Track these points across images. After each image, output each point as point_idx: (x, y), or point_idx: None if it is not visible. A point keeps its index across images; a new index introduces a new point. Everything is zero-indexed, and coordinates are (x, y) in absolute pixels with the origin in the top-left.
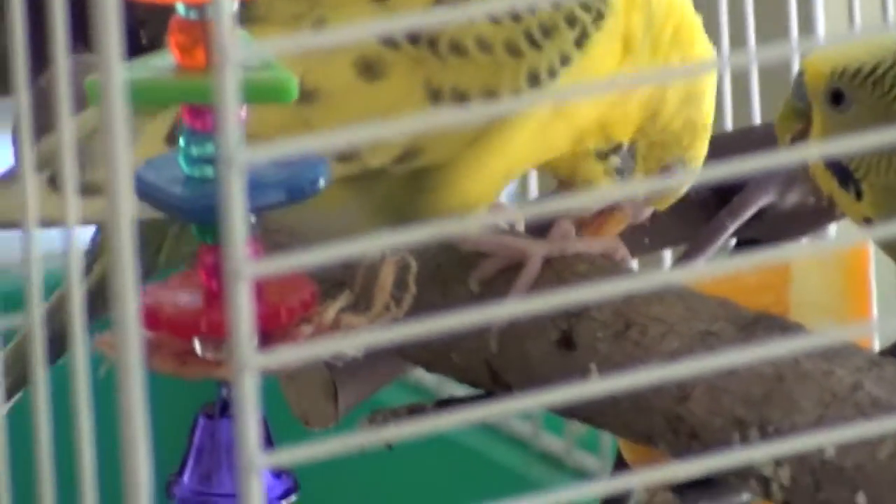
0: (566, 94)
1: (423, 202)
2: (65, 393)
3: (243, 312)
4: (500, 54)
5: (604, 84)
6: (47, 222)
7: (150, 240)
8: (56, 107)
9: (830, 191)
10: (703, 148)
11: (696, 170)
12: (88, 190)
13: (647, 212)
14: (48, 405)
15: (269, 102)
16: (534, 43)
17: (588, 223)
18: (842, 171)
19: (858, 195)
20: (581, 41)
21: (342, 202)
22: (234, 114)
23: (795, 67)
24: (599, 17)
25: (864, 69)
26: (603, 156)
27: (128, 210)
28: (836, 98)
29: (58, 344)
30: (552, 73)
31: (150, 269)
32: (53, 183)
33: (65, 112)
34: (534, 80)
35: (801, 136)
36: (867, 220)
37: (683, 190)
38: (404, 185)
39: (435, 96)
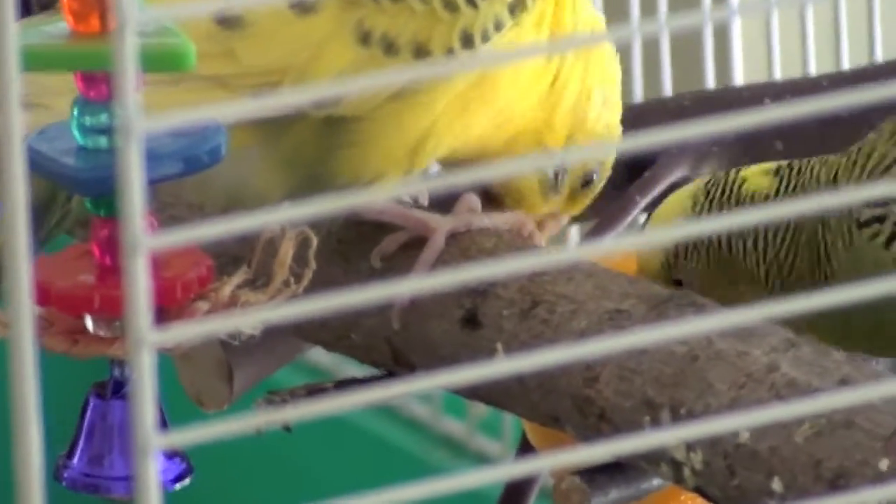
0: (493, 58)
1: (334, 158)
2: None
3: (140, 287)
4: (437, 6)
5: (526, 49)
6: None
7: (42, 212)
8: None
9: None
10: (610, 160)
11: (607, 172)
12: None
13: (562, 223)
14: None
15: (166, 71)
16: (471, 1)
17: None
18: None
19: (678, 284)
20: (515, 9)
21: (248, 150)
22: (132, 81)
23: (708, 36)
24: None
25: (693, 251)
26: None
27: (20, 181)
28: (679, 284)
29: None
30: (485, 37)
31: (41, 242)
32: None
33: None
34: (466, 40)
35: None
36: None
37: (597, 190)
38: (317, 136)
39: (364, 39)
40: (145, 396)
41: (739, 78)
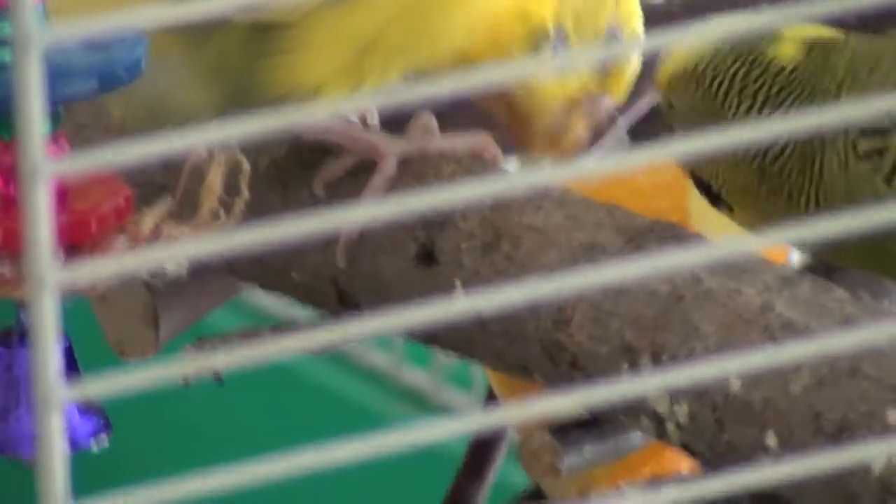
0: None
1: (265, 68)
2: None
3: (41, 219)
4: None
5: None
6: None
7: None
8: None
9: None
10: (632, 5)
11: (636, 35)
12: None
13: (606, 105)
14: None
15: None
16: None
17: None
18: (706, 190)
19: (730, 209)
20: None
21: (169, 59)
22: None
23: None
24: None
25: (684, 71)
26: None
27: None
28: (669, 107)
29: None
30: None
31: None
32: None
33: None
34: None
35: None
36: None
37: (634, 63)
38: (244, 44)
39: None
40: (47, 343)
41: None
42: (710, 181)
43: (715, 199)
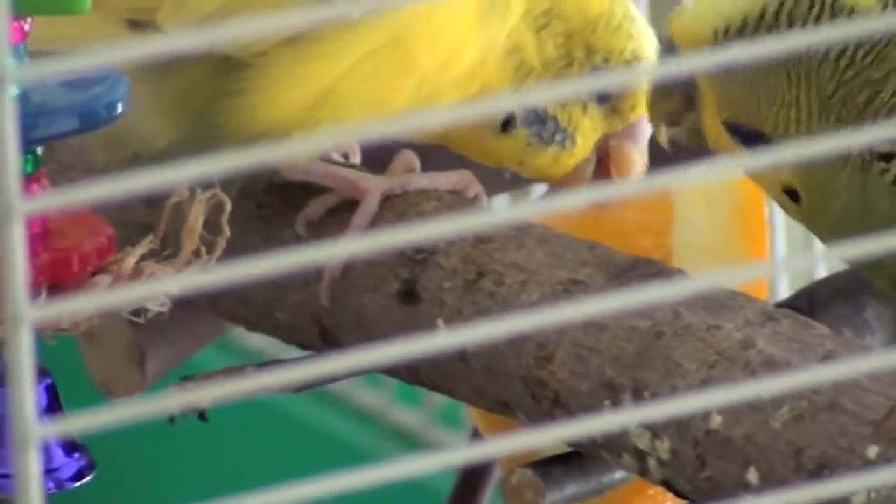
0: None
1: (228, 105)
2: None
3: (17, 256)
4: None
5: None
6: None
7: None
8: None
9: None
10: (615, 39)
11: (628, 61)
12: None
13: (644, 126)
14: None
15: (54, 13)
16: None
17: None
18: (750, 135)
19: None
20: None
21: (134, 89)
22: (2, 22)
23: None
24: None
25: (745, 23)
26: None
27: None
28: None
29: None
30: None
31: None
32: None
33: None
34: None
35: (680, 114)
36: (789, 191)
37: (641, 87)
38: (208, 79)
39: None
40: (24, 380)
41: None
42: (761, 127)
43: (755, 141)
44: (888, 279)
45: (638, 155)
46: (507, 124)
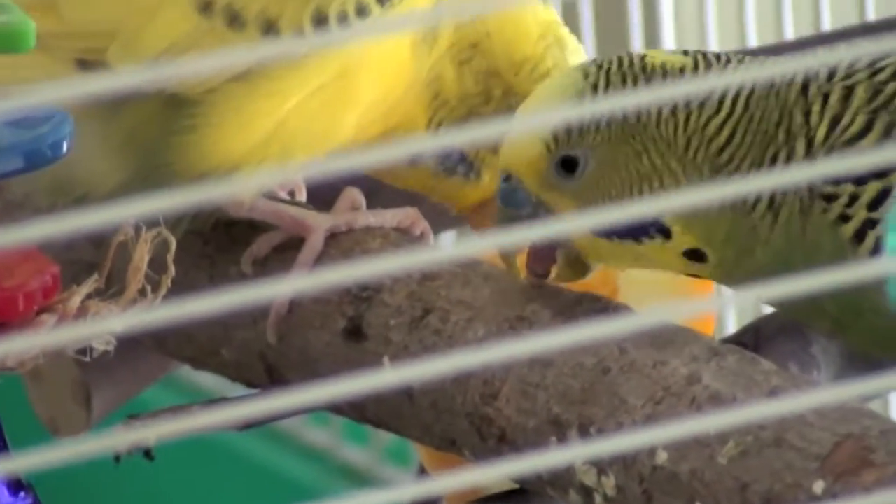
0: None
1: (176, 143)
2: None
3: None
4: None
5: (404, 20)
6: None
7: None
8: None
9: (616, 259)
10: (530, 87)
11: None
12: None
13: None
14: None
15: (1, 52)
16: None
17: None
18: (633, 228)
19: (666, 233)
20: None
21: (80, 126)
22: None
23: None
24: None
25: (590, 123)
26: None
27: None
28: (569, 166)
29: None
30: (343, 21)
31: None
32: None
33: None
34: (320, 21)
35: (549, 264)
36: (691, 253)
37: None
38: (156, 117)
39: (205, 7)
40: None
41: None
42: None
43: (641, 231)
44: (832, 321)
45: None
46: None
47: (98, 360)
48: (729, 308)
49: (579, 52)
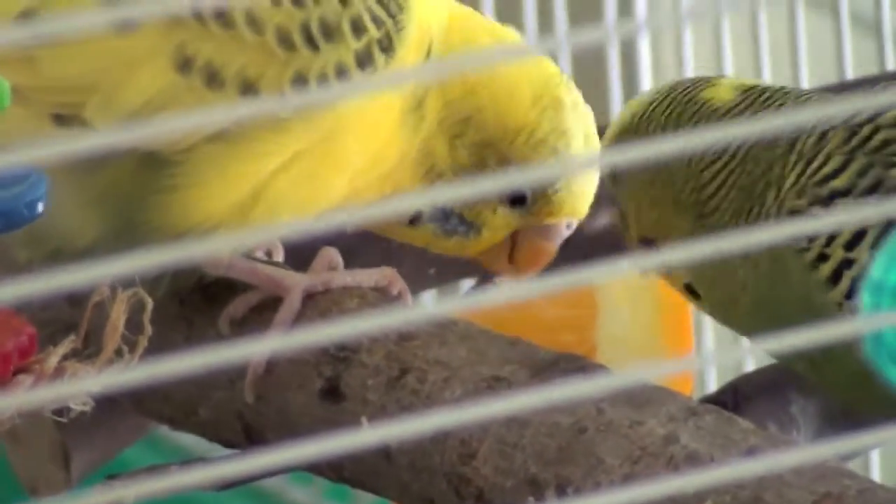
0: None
1: (154, 202)
2: None
3: None
4: (271, 40)
5: (387, 79)
6: None
7: None
8: None
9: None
10: (534, 153)
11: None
12: None
13: (562, 230)
14: None
15: None
16: (311, 41)
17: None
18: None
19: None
20: (365, 63)
21: (58, 185)
22: None
23: (613, 54)
24: (389, 44)
25: (625, 126)
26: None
27: None
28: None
29: None
30: (323, 82)
31: None
32: None
33: None
34: (300, 83)
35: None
36: (688, 288)
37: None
38: (132, 175)
39: (184, 66)
40: None
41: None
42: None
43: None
44: (807, 363)
45: (545, 253)
46: (414, 220)
47: (76, 421)
48: (709, 366)
49: (578, 106)
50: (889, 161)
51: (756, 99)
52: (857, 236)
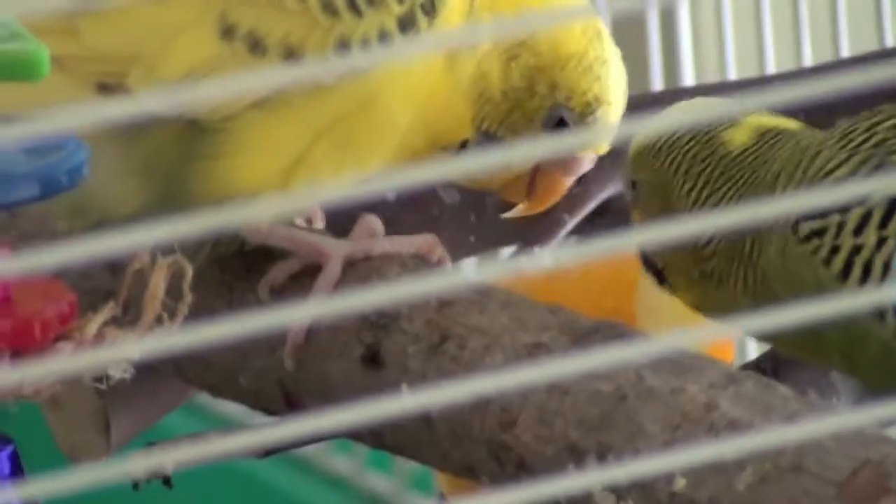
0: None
1: (196, 169)
2: None
3: None
4: (314, 7)
5: (438, 39)
6: None
7: None
8: None
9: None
10: (582, 79)
11: (589, 104)
12: None
13: (584, 164)
14: None
15: (15, 79)
16: (354, 7)
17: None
18: (653, 269)
19: (673, 289)
20: (407, 26)
21: (99, 150)
22: None
23: (654, 29)
24: (432, 6)
25: (646, 147)
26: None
27: None
28: (632, 185)
29: None
30: (366, 48)
31: None
32: None
33: None
34: (343, 49)
35: None
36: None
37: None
38: (176, 143)
39: (227, 33)
40: None
41: (689, 79)
42: (655, 261)
43: (660, 278)
44: (839, 355)
45: (561, 185)
46: (463, 145)
47: (117, 388)
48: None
49: (610, 39)
50: (891, 149)
51: (763, 145)
52: (864, 219)
